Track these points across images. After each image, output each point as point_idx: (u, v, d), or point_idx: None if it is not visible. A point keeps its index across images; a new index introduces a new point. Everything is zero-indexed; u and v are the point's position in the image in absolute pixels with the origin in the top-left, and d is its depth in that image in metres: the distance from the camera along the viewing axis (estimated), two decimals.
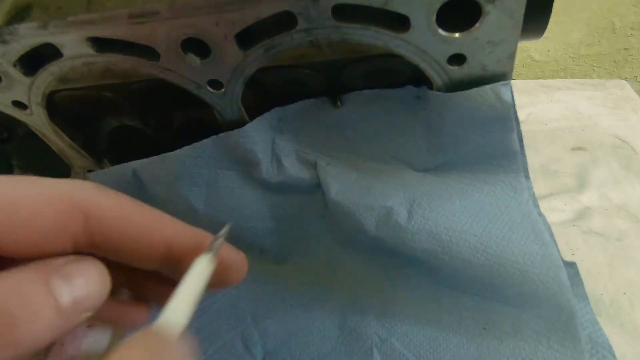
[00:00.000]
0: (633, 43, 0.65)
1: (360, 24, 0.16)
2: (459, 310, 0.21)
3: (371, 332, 0.22)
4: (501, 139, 0.19)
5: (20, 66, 0.18)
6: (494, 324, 0.20)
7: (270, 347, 0.23)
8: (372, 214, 0.21)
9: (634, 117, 0.37)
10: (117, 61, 0.18)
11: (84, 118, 0.23)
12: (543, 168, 0.34)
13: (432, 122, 0.19)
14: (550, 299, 0.18)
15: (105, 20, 0.16)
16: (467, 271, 0.20)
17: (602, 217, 0.29)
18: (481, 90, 0.17)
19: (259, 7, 0.16)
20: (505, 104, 0.17)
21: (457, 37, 0.16)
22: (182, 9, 0.16)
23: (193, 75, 0.18)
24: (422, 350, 0.21)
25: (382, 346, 0.21)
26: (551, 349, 0.18)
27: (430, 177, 0.21)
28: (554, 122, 0.38)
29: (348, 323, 0.22)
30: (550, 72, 0.70)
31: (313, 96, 0.21)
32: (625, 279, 0.25)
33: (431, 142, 0.20)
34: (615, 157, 0.34)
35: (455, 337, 0.20)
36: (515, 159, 0.19)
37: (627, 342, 0.22)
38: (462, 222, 0.19)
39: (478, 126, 0.18)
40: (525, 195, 0.19)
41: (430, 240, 0.20)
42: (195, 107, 0.21)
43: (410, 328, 0.21)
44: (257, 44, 0.17)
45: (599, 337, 0.19)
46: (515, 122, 0.18)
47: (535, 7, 0.16)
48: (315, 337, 0.23)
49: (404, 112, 0.20)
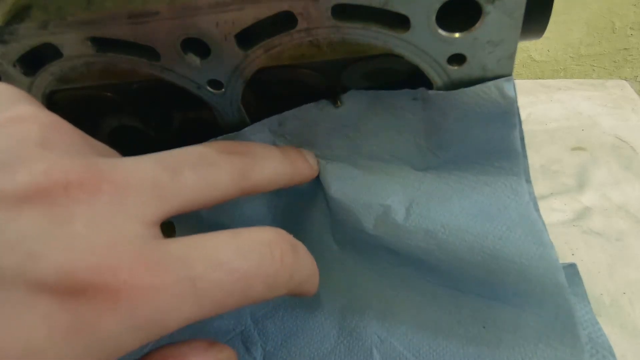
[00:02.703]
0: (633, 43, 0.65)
1: (361, 24, 0.16)
2: (458, 310, 0.21)
3: (371, 332, 0.22)
4: (503, 135, 0.19)
5: (20, 66, 0.18)
6: (493, 324, 0.20)
7: (270, 348, 0.23)
8: (371, 212, 0.21)
9: (634, 117, 0.37)
10: (117, 61, 0.18)
11: (84, 118, 0.23)
12: (543, 168, 0.34)
13: (433, 120, 0.19)
14: (549, 298, 0.18)
15: (105, 20, 0.16)
16: (464, 270, 0.20)
17: (602, 217, 0.29)
18: (484, 86, 0.17)
19: (259, 7, 0.16)
20: (508, 99, 0.17)
21: (457, 37, 0.16)
22: (182, 9, 0.16)
23: (193, 75, 0.18)
24: (421, 350, 0.21)
25: (382, 346, 0.21)
26: (551, 348, 0.18)
27: (431, 176, 0.21)
28: (554, 122, 0.38)
29: (348, 323, 0.22)
30: (550, 72, 0.70)
31: (313, 96, 0.21)
32: (625, 279, 0.25)
33: (432, 140, 0.20)
34: (615, 157, 0.34)
35: (455, 337, 0.20)
36: (516, 160, 0.19)
37: (627, 342, 0.22)
38: (460, 221, 0.19)
39: (480, 122, 0.18)
40: (526, 198, 0.19)
41: (426, 239, 0.20)
42: (195, 107, 0.21)
43: (410, 328, 0.21)
44: (257, 44, 0.17)
45: (599, 337, 0.19)
46: (517, 119, 0.18)
47: (535, 7, 0.16)
48: (315, 337, 0.23)
49: (405, 110, 0.20)
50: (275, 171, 0.17)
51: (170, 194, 0.13)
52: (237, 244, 0.13)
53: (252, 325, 0.24)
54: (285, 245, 0.14)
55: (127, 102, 0.22)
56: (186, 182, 0.14)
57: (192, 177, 0.14)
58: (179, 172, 0.13)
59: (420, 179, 0.21)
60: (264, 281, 0.13)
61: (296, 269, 0.14)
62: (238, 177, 0.15)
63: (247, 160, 0.16)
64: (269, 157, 0.17)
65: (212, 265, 0.12)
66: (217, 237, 0.13)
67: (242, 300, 0.13)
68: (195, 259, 0.12)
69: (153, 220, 0.12)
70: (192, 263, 0.12)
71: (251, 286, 0.13)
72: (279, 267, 0.14)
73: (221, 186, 0.15)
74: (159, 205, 0.13)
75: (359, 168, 0.22)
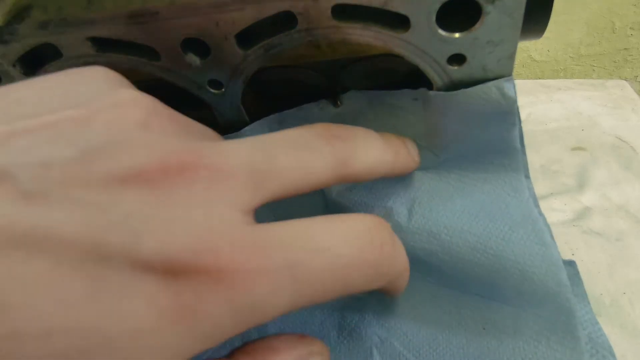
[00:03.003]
0: (633, 43, 0.65)
1: (360, 24, 0.16)
2: (458, 310, 0.21)
3: (371, 332, 0.22)
4: (503, 135, 0.19)
5: (20, 66, 0.18)
6: (494, 324, 0.20)
7: None
8: (373, 213, 0.21)
9: (634, 117, 0.37)
10: (117, 61, 0.18)
11: None
12: (543, 168, 0.34)
13: (434, 120, 0.19)
14: (550, 298, 0.18)
15: (105, 20, 0.16)
16: (467, 271, 0.20)
17: (602, 217, 0.29)
18: (485, 87, 0.17)
19: (259, 7, 0.16)
20: (509, 99, 0.17)
21: (457, 37, 0.16)
22: (182, 9, 0.16)
23: (193, 75, 0.18)
24: (422, 350, 0.21)
25: (382, 346, 0.21)
26: (551, 348, 0.18)
27: (431, 176, 0.21)
28: (554, 122, 0.38)
29: (348, 323, 0.22)
30: (550, 72, 0.70)
31: (313, 96, 0.21)
32: (625, 279, 0.25)
33: (432, 140, 0.20)
34: (615, 157, 0.34)
35: (455, 337, 0.20)
36: (516, 157, 0.19)
37: (627, 342, 0.22)
38: (462, 222, 0.19)
39: (480, 122, 0.18)
40: (526, 194, 0.19)
41: (430, 240, 0.20)
42: (195, 107, 0.21)
43: (410, 328, 0.21)
44: (257, 44, 0.17)
45: (599, 337, 0.19)
46: (517, 119, 0.18)
47: (535, 7, 0.16)
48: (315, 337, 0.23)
49: (405, 110, 0.20)
50: (376, 159, 0.16)
51: (267, 179, 0.13)
52: (340, 230, 0.13)
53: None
54: (386, 234, 0.14)
55: None
56: (283, 167, 0.13)
57: (289, 161, 0.13)
58: (275, 156, 0.13)
59: (421, 178, 0.21)
60: (365, 270, 0.13)
61: (395, 261, 0.14)
62: (337, 163, 0.15)
63: (349, 146, 0.15)
64: (371, 144, 0.16)
65: (315, 251, 0.12)
66: (319, 223, 0.13)
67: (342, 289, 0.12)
68: (295, 244, 0.12)
69: (251, 205, 0.12)
70: (293, 248, 0.12)
71: (352, 275, 0.12)
72: (379, 256, 0.13)
73: (318, 171, 0.14)
74: (255, 191, 0.12)
75: None
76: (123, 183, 0.11)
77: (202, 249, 0.11)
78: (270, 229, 0.12)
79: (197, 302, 0.10)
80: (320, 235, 0.12)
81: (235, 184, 0.12)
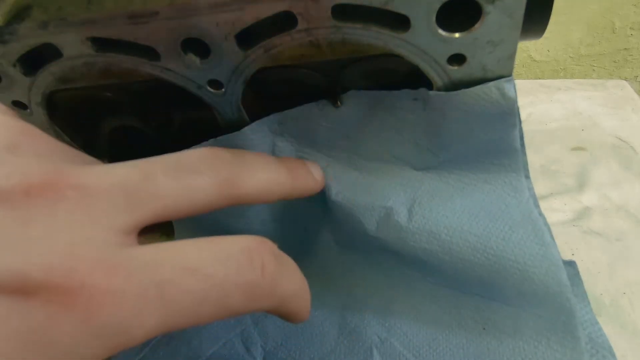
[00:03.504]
0: (633, 43, 0.65)
1: (361, 24, 0.16)
2: (458, 310, 0.21)
3: (371, 332, 0.22)
4: (503, 135, 0.19)
5: (20, 66, 0.18)
6: (493, 324, 0.20)
7: (270, 347, 0.23)
8: (373, 214, 0.21)
9: (634, 117, 0.37)
10: (117, 61, 0.18)
11: (84, 118, 0.23)
12: (543, 168, 0.34)
13: (434, 120, 0.19)
14: (550, 298, 0.18)
15: (105, 20, 0.16)
16: (467, 271, 0.20)
17: (602, 217, 0.29)
18: (485, 87, 0.17)
19: (259, 7, 0.16)
20: (509, 100, 0.17)
21: (457, 37, 0.16)
22: (182, 9, 0.16)
23: (193, 75, 0.18)
24: (422, 350, 0.21)
25: (382, 346, 0.21)
26: (551, 348, 0.18)
27: (431, 176, 0.21)
28: (554, 122, 0.38)
29: (348, 323, 0.22)
30: (550, 72, 0.70)
31: (313, 96, 0.21)
32: (625, 279, 0.25)
33: (432, 140, 0.20)
34: (615, 157, 0.34)
35: (455, 337, 0.20)
36: (516, 157, 0.19)
37: (627, 342, 0.22)
38: (462, 222, 0.19)
39: (481, 123, 0.18)
40: (526, 194, 0.19)
41: (430, 240, 0.20)
42: (195, 107, 0.21)
43: (410, 328, 0.21)
44: (257, 44, 0.17)
45: (599, 337, 0.19)
46: (517, 119, 0.18)
47: (535, 7, 0.16)
48: (315, 337, 0.23)
49: (405, 111, 0.20)
50: (268, 181, 0.17)
51: (145, 199, 0.13)
52: (214, 250, 0.13)
53: (252, 325, 0.24)
54: (267, 255, 0.14)
55: (127, 102, 0.22)
56: (162, 187, 0.13)
57: (168, 182, 0.13)
58: (152, 177, 0.13)
59: (421, 179, 0.21)
60: (243, 291, 0.13)
61: (280, 282, 0.14)
62: (222, 184, 0.15)
63: (234, 168, 0.15)
64: (261, 166, 0.17)
65: (182, 270, 0.12)
66: (192, 244, 0.13)
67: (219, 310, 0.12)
68: (163, 264, 0.12)
69: (124, 227, 0.12)
70: (159, 268, 0.11)
71: (228, 295, 0.12)
72: (259, 277, 0.13)
73: (202, 193, 0.14)
74: (132, 212, 0.12)
75: (359, 169, 0.22)
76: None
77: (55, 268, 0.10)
78: (139, 249, 0.12)
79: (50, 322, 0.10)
80: (191, 255, 0.12)
81: (107, 204, 0.12)
